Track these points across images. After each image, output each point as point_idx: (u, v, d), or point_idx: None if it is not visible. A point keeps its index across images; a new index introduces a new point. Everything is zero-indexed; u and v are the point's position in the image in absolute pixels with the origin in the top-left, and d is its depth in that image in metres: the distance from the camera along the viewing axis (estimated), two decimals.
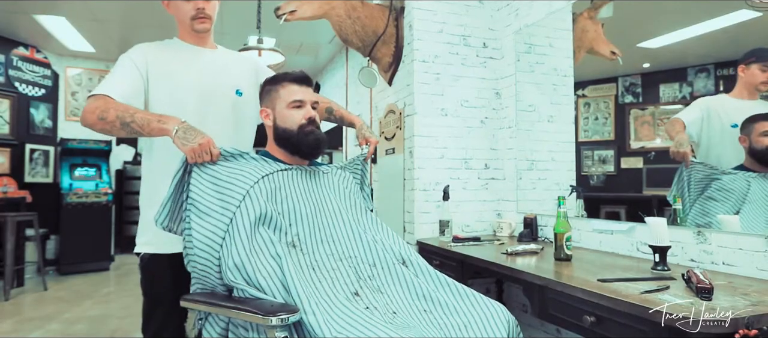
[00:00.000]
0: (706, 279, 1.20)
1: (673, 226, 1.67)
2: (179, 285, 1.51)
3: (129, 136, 1.34)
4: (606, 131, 2.36)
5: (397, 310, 1.25)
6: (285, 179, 1.41)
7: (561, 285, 1.40)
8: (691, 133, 1.78)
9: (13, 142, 5.01)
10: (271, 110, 1.47)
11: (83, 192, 5.24)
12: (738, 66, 1.70)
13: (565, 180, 2.36)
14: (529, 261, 1.79)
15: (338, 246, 1.38)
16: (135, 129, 1.30)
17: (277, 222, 1.31)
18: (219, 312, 1.23)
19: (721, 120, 1.76)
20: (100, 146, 5.64)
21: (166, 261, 1.49)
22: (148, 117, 1.31)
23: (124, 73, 1.43)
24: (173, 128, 1.27)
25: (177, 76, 1.50)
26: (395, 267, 1.35)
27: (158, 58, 1.49)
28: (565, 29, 2.36)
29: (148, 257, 1.49)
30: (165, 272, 1.49)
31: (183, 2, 1.52)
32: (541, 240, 2.30)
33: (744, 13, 1.66)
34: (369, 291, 1.29)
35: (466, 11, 2.68)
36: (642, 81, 2.22)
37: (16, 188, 4.68)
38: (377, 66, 2.87)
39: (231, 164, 1.36)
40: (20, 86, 5.12)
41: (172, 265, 1.48)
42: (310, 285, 1.24)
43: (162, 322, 1.52)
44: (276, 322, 1.07)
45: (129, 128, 1.31)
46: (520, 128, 2.57)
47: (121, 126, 1.31)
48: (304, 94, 1.47)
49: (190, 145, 1.26)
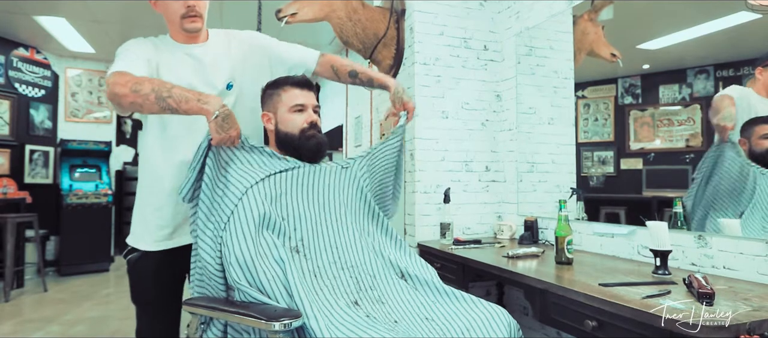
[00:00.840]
0: (707, 284, 1.20)
1: (673, 229, 1.67)
2: (169, 289, 1.51)
3: (159, 112, 1.26)
4: (606, 132, 2.36)
5: (399, 319, 1.25)
6: (291, 181, 1.40)
7: (562, 289, 1.40)
8: (733, 113, 1.77)
9: (12, 143, 5.00)
10: (273, 113, 1.47)
11: (83, 193, 5.24)
12: (756, 67, 1.68)
13: (566, 182, 2.37)
14: (531, 264, 1.79)
15: (341, 254, 1.38)
16: (170, 105, 1.22)
17: (281, 227, 1.32)
18: (221, 316, 1.23)
19: (749, 111, 1.75)
20: (100, 146, 5.64)
21: (152, 264, 1.47)
22: (187, 94, 1.23)
23: (135, 60, 1.37)
24: (214, 111, 1.22)
25: (169, 80, 1.45)
26: (395, 280, 1.36)
27: (152, 59, 1.44)
28: (566, 32, 2.36)
29: (135, 260, 1.48)
30: (152, 274, 1.48)
31: (172, 0, 1.45)
32: (541, 243, 2.30)
33: (743, 15, 1.67)
34: (368, 302, 1.29)
35: (466, 14, 2.68)
36: (642, 82, 2.22)
37: (15, 189, 4.67)
38: (378, 68, 2.87)
39: (245, 155, 1.37)
40: (20, 86, 5.12)
41: (160, 266, 1.47)
42: (312, 291, 1.24)
43: (153, 327, 1.51)
44: (279, 327, 1.08)
45: (164, 103, 1.22)
46: (520, 131, 2.57)
47: (156, 100, 1.22)
48: (306, 98, 1.47)
49: (225, 133, 1.24)
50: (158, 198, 1.46)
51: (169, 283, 1.52)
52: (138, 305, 1.53)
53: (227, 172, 1.33)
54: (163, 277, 1.49)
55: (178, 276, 1.53)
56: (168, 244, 1.47)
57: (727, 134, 1.74)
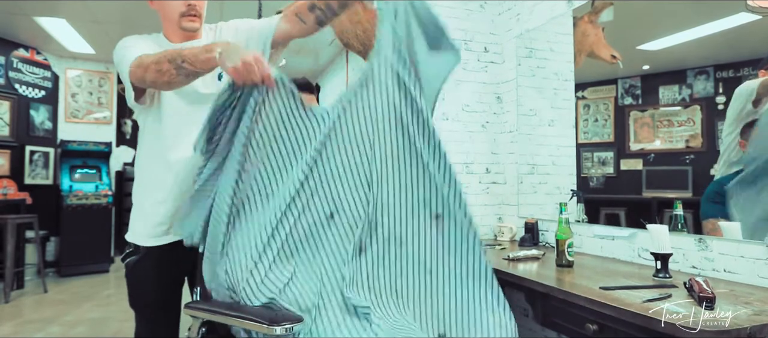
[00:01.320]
0: (708, 288, 1.20)
1: (674, 232, 1.68)
2: (169, 290, 1.51)
3: (185, 81, 1.26)
4: (606, 133, 2.37)
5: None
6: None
7: (564, 293, 1.41)
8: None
9: (13, 144, 5.00)
10: None
11: (83, 194, 5.24)
12: (759, 71, 1.68)
13: (566, 184, 2.37)
14: (531, 267, 1.79)
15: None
16: (187, 68, 1.21)
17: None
18: (222, 320, 1.23)
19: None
20: (100, 147, 5.64)
21: (151, 264, 1.47)
22: (195, 51, 1.20)
23: (145, 49, 1.36)
24: (216, 51, 1.17)
25: None
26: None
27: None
28: (566, 33, 2.36)
29: (133, 263, 1.49)
30: (151, 275, 1.48)
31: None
32: (542, 245, 2.30)
33: (743, 17, 1.67)
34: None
35: (467, 16, 2.68)
36: (641, 83, 2.23)
37: (16, 190, 4.67)
38: None
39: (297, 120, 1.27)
40: (20, 87, 5.12)
41: (160, 266, 1.47)
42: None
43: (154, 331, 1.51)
44: (281, 331, 1.08)
45: (182, 69, 1.22)
46: (521, 133, 2.57)
47: (176, 69, 1.22)
48: (306, 100, 1.47)
49: (231, 64, 1.14)
50: (161, 193, 1.46)
51: (168, 284, 1.52)
52: (137, 309, 1.53)
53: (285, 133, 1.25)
54: (163, 278, 1.49)
55: (177, 277, 1.54)
56: (166, 239, 1.47)
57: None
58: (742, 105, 1.71)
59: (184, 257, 1.43)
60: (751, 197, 1.61)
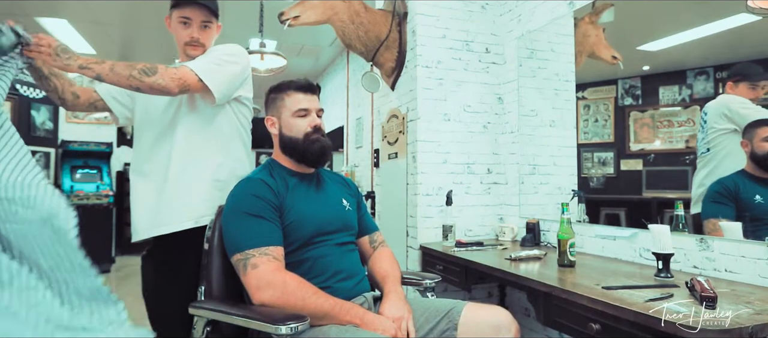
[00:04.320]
0: (709, 288, 1.21)
1: (675, 232, 1.69)
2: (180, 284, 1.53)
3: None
4: (606, 133, 2.37)
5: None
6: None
7: (566, 293, 1.41)
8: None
9: None
10: (277, 118, 1.48)
11: (84, 194, 5.24)
12: (726, 83, 1.71)
13: (567, 184, 2.38)
14: (533, 267, 1.80)
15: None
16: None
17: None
18: (226, 320, 1.24)
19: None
20: (101, 148, 5.64)
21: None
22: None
23: None
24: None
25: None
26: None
27: None
28: (567, 34, 2.37)
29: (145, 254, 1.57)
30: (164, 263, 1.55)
31: (180, 28, 1.61)
32: (543, 245, 2.31)
33: (743, 17, 1.68)
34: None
35: (468, 17, 2.69)
36: (641, 83, 2.23)
37: None
38: (380, 71, 2.88)
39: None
40: (21, 88, 5.12)
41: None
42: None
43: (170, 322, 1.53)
44: (285, 331, 1.09)
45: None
46: (522, 133, 2.58)
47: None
48: (310, 102, 1.47)
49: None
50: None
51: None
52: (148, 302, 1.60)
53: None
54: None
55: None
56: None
57: None
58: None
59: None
60: None
